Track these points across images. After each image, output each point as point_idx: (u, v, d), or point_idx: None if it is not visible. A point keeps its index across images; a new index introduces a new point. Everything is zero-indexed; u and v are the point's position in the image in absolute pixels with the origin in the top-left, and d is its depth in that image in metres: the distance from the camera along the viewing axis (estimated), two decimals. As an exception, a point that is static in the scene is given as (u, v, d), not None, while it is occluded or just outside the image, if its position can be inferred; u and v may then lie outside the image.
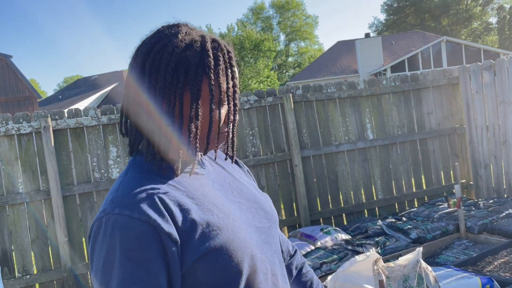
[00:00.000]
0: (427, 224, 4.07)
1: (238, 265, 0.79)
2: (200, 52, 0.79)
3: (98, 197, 4.03)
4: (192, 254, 0.76)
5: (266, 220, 0.93)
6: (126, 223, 0.73)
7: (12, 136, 3.80)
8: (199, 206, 0.81)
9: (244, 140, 4.51)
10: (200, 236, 0.77)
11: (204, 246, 0.77)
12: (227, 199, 0.89)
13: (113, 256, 0.73)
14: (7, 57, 13.10)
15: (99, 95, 20.74)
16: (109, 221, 0.74)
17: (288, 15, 45.88)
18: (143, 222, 0.73)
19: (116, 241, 0.73)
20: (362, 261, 2.45)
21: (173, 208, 0.77)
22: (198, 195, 0.84)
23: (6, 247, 3.77)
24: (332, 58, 28.09)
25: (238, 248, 0.80)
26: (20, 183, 3.81)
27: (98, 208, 4.01)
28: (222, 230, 0.80)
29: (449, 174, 5.30)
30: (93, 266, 0.76)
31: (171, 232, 0.75)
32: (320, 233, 4.08)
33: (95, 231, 0.77)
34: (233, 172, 1.00)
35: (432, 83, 5.20)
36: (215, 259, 0.77)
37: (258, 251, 0.85)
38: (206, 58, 0.79)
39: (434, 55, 23.16)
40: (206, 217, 0.80)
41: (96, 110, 4.05)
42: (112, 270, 0.72)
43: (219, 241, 0.78)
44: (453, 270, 2.96)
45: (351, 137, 4.88)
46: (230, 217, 0.84)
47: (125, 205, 0.75)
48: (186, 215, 0.78)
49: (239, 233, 0.82)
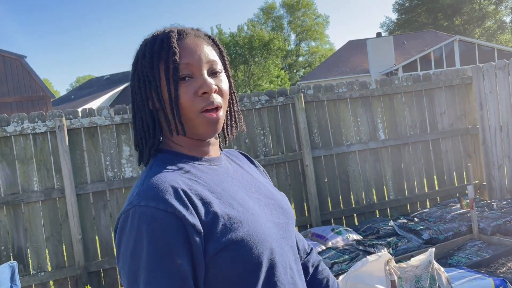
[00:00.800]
0: (439, 225, 4.05)
1: (258, 258, 0.81)
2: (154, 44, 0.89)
3: (111, 196, 4.08)
4: (214, 245, 0.78)
5: (283, 216, 0.96)
6: (152, 214, 0.76)
7: (27, 135, 3.86)
8: (220, 200, 0.84)
9: (255, 140, 4.53)
10: (222, 228, 0.80)
11: (226, 238, 0.79)
12: (246, 195, 0.91)
13: (140, 246, 0.75)
14: (21, 57, 13.29)
15: (111, 94, 20.93)
16: (135, 213, 0.77)
17: (299, 14, 45.77)
18: (168, 213, 0.76)
19: (143, 232, 0.75)
20: (374, 261, 2.45)
21: (196, 201, 0.80)
22: (219, 190, 0.87)
23: (22, 244, 3.84)
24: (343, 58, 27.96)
25: (258, 241, 0.82)
26: (35, 181, 3.87)
27: (111, 206, 4.06)
28: (243, 223, 0.82)
29: (462, 175, 5.25)
30: (120, 257, 0.79)
31: (195, 223, 0.78)
32: (331, 233, 4.08)
33: (122, 223, 0.79)
34: (249, 171, 1.03)
35: (445, 83, 5.16)
36: (236, 251, 0.79)
37: (277, 245, 0.87)
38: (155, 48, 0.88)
39: (447, 55, 22.92)
40: (227, 210, 0.83)
41: (109, 110, 4.09)
42: (139, 260, 0.75)
43: (240, 234, 0.81)
44: (466, 271, 2.94)
45: (362, 137, 4.87)
46: (250, 212, 0.86)
47: (151, 198, 0.78)
48: (208, 208, 0.81)
49: (259, 227, 0.84)
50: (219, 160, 0.96)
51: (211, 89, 0.86)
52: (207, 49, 0.90)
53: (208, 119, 0.87)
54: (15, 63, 13.13)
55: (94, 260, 3.99)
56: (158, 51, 0.87)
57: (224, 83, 0.91)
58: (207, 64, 0.89)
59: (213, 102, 0.87)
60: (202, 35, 0.93)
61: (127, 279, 0.77)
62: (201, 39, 0.92)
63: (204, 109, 0.86)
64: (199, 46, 0.89)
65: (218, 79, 0.90)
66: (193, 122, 0.87)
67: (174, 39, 0.87)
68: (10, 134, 3.79)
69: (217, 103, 0.88)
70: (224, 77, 0.93)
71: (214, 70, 0.90)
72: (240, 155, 1.10)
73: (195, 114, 0.86)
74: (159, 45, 0.88)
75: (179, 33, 0.90)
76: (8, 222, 3.80)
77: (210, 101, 0.87)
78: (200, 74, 0.87)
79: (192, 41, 0.89)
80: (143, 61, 0.89)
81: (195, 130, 0.88)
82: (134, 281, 0.76)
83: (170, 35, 0.88)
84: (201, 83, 0.86)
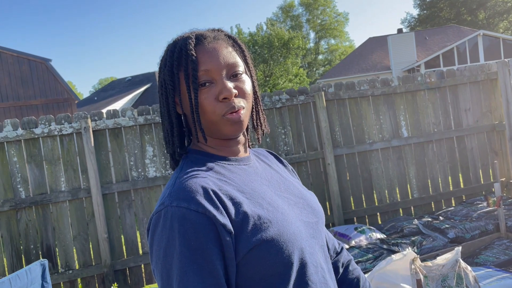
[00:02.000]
0: (465, 224, 3.98)
1: (289, 257, 0.82)
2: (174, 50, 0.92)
3: (135, 195, 4.15)
4: (245, 245, 0.79)
5: (313, 215, 0.96)
6: (184, 214, 0.78)
7: (54, 136, 3.96)
8: (250, 200, 0.85)
9: (276, 139, 4.53)
10: (252, 228, 0.81)
11: (256, 238, 0.80)
12: (275, 195, 0.92)
13: (173, 246, 0.77)
14: (47, 60, 13.61)
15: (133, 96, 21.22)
16: (167, 213, 0.79)
17: (318, 12, 45.51)
18: (199, 213, 0.78)
19: (175, 231, 0.77)
20: (399, 260, 2.43)
21: (226, 201, 0.82)
22: (248, 190, 0.88)
23: (50, 243, 3.94)
24: (363, 55, 27.66)
25: (288, 240, 0.83)
26: (62, 181, 3.97)
27: (136, 206, 4.13)
28: (273, 223, 0.83)
29: (488, 172, 5.14)
30: (153, 256, 0.81)
31: (226, 223, 0.79)
32: (354, 232, 4.05)
33: (154, 224, 0.81)
34: (278, 170, 1.04)
35: (469, 79, 5.06)
36: (267, 250, 0.80)
37: (307, 244, 0.88)
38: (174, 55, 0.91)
39: (471, 50, 22.43)
40: (256, 210, 0.84)
41: (133, 111, 4.16)
42: (172, 259, 0.77)
43: (270, 233, 0.81)
44: (494, 270, 2.89)
45: (385, 135, 4.82)
46: (279, 211, 0.87)
47: (182, 198, 0.79)
48: (239, 208, 0.82)
49: (288, 226, 0.85)
50: (248, 159, 0.97)
51: (231, 94, 0.87)
52: (226, 52, 0.90)
53: (231, 120, 0.88)
54: (41, 66, 13.46)
55: (120, 258, 4.07)
56: (177, 59, 0.90)
57: (247, 84, 0.91)
58: (227, 67, 0.89)
59: (235, 106, 0.88)
60: (222, 36, 0.93)
61: (161, 278, 0.79)
62: (220, 41, 0.92)
63: (227, 113, 0.88)
64: (217, 50, 0.89)
65: (240, 81, 0.90)
66: (217, 125, 0.89)
67: (191, 46, 0.88)
68: (38, 135, 3.90)
69: (238, 106, 0.88)
70: (246, 77, 0.93)
71: (235, 72, 0.90)
72: (268, 154, 1.10)
73: (218, 117, 0.88)
74: (178, 53, 0.90)
75: (197, 38, 0.91)
76: (37, 222, 3.91)
77: (232, 106, 0.88)
78: (220, 79, 0.88)
79: (210, 45, 0.90)
80: (165, 70, 0.92)
81: (220, 131, 0.89)
82: (167, 280, 0.77)
83: (188, 43, 0.89)
84: (221, 88, 0.87)
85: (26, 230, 3.87)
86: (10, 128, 3.85)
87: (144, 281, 4.12)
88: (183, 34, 0.94)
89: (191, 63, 0.87)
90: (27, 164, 3.89)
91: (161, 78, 0.94)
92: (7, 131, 3.83)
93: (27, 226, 3.88)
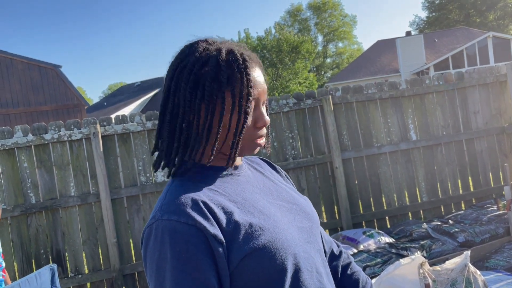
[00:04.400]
0: (475, 227, 3.94)
1: (282, 263, 0.82)
2: (215, 68, 0.85)
3: (144, 200, 4.18)
4: (237, 253, 0.80)
5: (307, 220, 0.96)
6: (174, 227, 0.79)
7: (64, 142, 4.01)
8: (241, 209, 0.86)
9: (284, 143, 4.53)
10: (244, 237, 0.81)
11: (249, 246, 0.81)
12: (268, 202, 0.93)
13: (164, 259, 0.78)
14: (57, 67, 13.78)
15: (142, 101, 21.37)
16: (158, 227, 0.80)
17: (326, 15, 45.50)
18: (190, 225, 0.79)
19: (166, 245, 0.78)
20: (407, 265, 2.41)
21: (216, 211, 0.82)
22: (239, 199, 0.89)
23: (60, 247, 3.98)
24: (371, 58, 27.58)
25: (281, 247, 0.83)
26: (72, 186, 4.01)
27: (145, 210, 4.16)
28: (264, 230, 0.84)
29: (498, 175, 5.09)
30: (147, 269, 0.82)
31: (216, 233, 0.80)
32: (363, 236, 4.03)
33: (147, 237, 0.82)
34: (271, 177, 1.04)
35: (478, 81, 5.02)
36: (259, 258, 0.81)
37: (301, 250, 0.88)
38: (219, 74, 0.85)
39: (480, 52, 22.26)
40: (248, 218, 0.84)
41: (141, 116, 4.20)
42: (164, 272, 0.78)
43: (262, 241, 0.82)
44: (504, 274, 2.86)
45: (393, 138, 4.79)
46: (271, 218, 0.87)
47: (172, 211, 0.81)
48: (230, 217, 0.83)
49: (281, 233, 0.86)
50: (241, 168, 0.97)
51: (267, 123, 0.90)
52: (264, 80, 0.92)
53: (259, 145, 0.91)
54: (51, 72, 13.63)
55: (129, 263, 4.09)
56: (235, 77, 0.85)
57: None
58: (264, 95, 0.92)
59: (264, 133, 0.91)
60: (257, 60, 0.93)
61: None
62: (259, 66, 0.92)
63: (257, 139, 0.90)
64: (262, 77, 0.91)
65: (266, 109, 0.94)
66: (243, 148, 0.90)
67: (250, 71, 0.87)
68: (48, 141, 3.94)
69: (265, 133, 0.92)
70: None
71: (265, 102, 0.93)
72: (261, 161, 1.11)
73: (248, 141, 0.90)
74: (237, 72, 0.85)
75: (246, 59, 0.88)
76: (47, 226, 3.95)
77: (263, 133, 0.91)
78: (260, 106, 0.90)
79: (258, 69, 0.91)
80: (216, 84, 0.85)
81: (241, 152, 0.91)
82: None
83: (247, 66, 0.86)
84: (261, 116, 0.90)
85: (36, 235, 3.91)
86: (21, 134, 3.90)
87: (153, 286, 4.14)
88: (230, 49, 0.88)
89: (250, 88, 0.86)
90: (37, 170, 3.94)
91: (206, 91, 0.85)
92: (18, 137, 3.89)
93: (37, 231, 3.92)
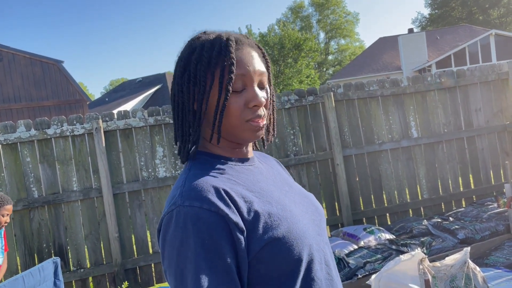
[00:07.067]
0: (475, 225, 3.95)
1: (299, 254, 0.84)
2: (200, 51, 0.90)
3: (146, 195, 4.20)
4: (257, 242, 0.81)
5: (317, 214, 0.98)
6: (197, 214, 0.78)
7: (66, 137, 4.03)
8: (259, 198, 0.87)
9: (285, 140, 4.55)
10: (263, 226, 0.82)
11: (268, 235, 0.81)
12: (281, 194, 0.94)
13: (187, 245, 0.77)
14: (59, 62, 13.78)
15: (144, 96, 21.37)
16: (180, 213, 0.79)
17: (328, 12, 45.37)
18: (212, 212, 0.79)
19: (189, 231, 0.78)
20: (407, 261, 2.43)
21: (237, 199, 0.83)
22: (257, 189, 0.89)
23: (62, 242, 4.01)
24: (373, 55, 27.51)
25: (298, 237, 0.84)
26: (74, 181, 4.04)
27: (146, 205, 4.18)
28: (282, 220, 0.85)
29: (499, 173, 5.10)
30: (166, 256, 0.80)
31: (238, 221, 0.80)
32: (363, 233, 4.05)
33: (166, 223, 0.81)
34: (279, 171, 1.06)
35: (480, 79, 5.02)
36: (278, 247, 0.82)
37: (314, 241, 0.89)
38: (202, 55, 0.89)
39: (483, 50, 22.19)
40: (267, 208, 0.85)
41: (143, 112, 4.21)
42: (186, 259, 0.77)
43: (281, 231, 0.83)
44: (503, 271, 2.87)
45: (394, 136, 4.80)
46: (287, 209, 0.88)
47: (195, 198, 0.80)
48: (250, 207, 0.83)
49: (297, 224, 0.87)
50: (253, 160, 0.99)
51: (261, 103, 0.90)
52: (259, 61, 0.93)
53: (253, 126, 0.90)
54: (53, 68, 13.63)
55: (131, 257, 4.12)
56: (216, 57, 0.88)
57: (269, 94, 0.95)
58: (258, 76, 0.91)
59: (260, 115, 0.91)
60: (254, 45, 0.95)
61: (174, 278, 0.78)
62: (254, 49, 0.94)
63: (252, 120, 0.90)
64: (253, 58, 0.92)
65: (265, 91, 0.94)
66: (238, 129, 0.90)
67: (233, 49, 0.89)
68: (50, 136, 3.96)
69: (262, 115, 0.91)
70: (268, 88, 0.96)
71: (262, 82, 0.93)
72: (269, 156, 1.13)
73: (241, 122, 0.89)
74: (217, 52, 0.89)
75: (236, 41, 0.91)
76: (50, 221, 3.98)
77: (258, 114, 0.90)
78: (252, 86, 0.90)
79: (247, 51, 0.91)
80: (199, 65, 0.89)
81: (240, 135, 0.91)
82: (181, 279, 0.77)
83: (229, 44, 0.89)
84: (253, 96, 0.89)
85: (38, 229, 3.94)
86: (23, 128, 3.92)
87: (154, 280, 4.17)
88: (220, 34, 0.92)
89: (230, 65, 0.87)
90: (40, 164, 3.96)
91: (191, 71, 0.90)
92: (21, 131, 3.91)
93: (39, 225, 3.94)
